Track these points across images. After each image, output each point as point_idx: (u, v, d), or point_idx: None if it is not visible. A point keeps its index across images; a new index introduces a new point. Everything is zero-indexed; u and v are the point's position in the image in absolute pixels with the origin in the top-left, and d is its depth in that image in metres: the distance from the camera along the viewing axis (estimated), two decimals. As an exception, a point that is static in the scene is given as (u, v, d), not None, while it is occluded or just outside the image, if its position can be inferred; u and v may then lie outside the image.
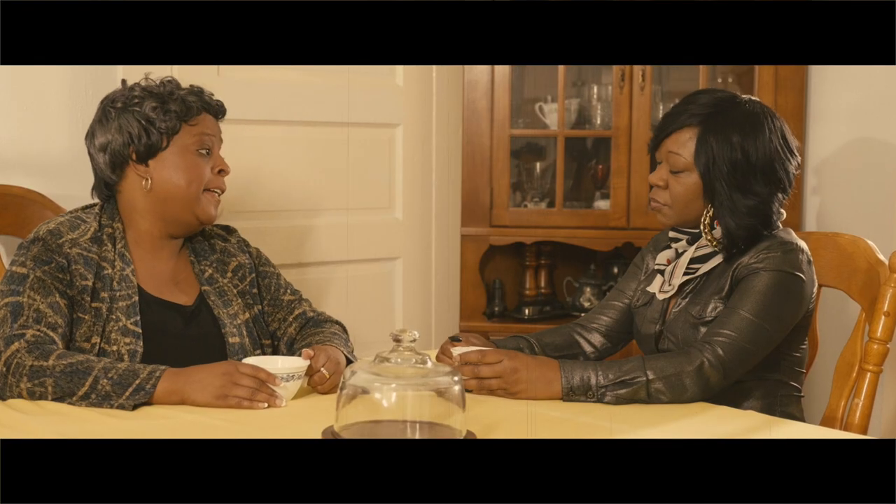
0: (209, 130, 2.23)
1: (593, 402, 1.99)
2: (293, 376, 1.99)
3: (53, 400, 1.92)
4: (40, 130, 2.72)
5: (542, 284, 3.73)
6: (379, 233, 3.46)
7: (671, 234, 2.26)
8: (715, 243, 2.16)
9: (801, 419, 2.22)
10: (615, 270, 3.66)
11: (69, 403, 1.91)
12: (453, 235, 3.62)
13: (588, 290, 3.65)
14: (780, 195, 2.16)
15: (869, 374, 2.24)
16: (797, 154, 2.18)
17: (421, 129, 3.53)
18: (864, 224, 3.17)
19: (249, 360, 2.02)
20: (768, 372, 2.17)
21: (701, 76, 3.39)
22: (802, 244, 2.17)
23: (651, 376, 2.00)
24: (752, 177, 2.11)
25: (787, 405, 2.20)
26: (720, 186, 2.12)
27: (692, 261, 2.20)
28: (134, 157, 2.18)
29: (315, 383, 2.05)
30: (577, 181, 3.74)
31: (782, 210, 2.19)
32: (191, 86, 2.25)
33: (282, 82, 3.13)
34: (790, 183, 2.17)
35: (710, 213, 2.15)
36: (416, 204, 3.55)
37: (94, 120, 2.22)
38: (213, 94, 2.28)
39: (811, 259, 2.17)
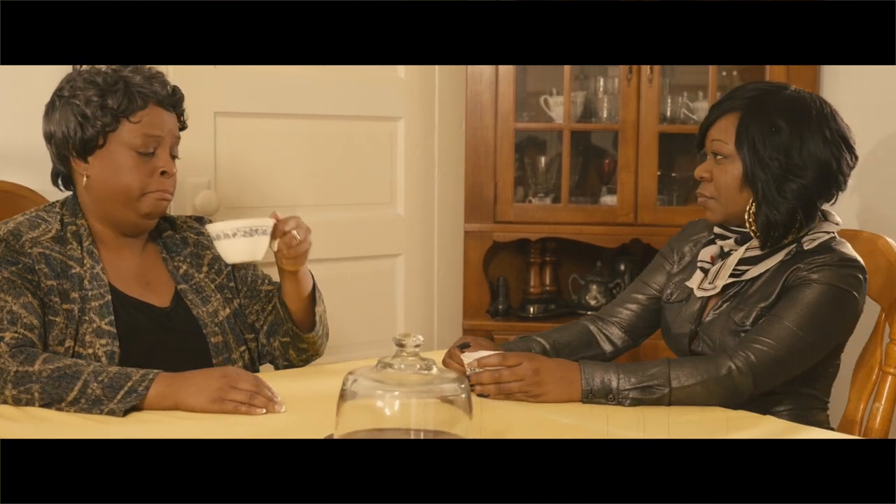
0: (154, 128, 2.06)
1: (613, 404, 1.93)
2: (256, 231, 1.93)
3: (41, 406, 1.84)
4: (29, 126, 2.62)
5: (547, 282, 3.67)
6: (380, 229, 3.41)
7: (717, 230, 2.17)
8: (756, 233, 2.08)
9: (829, 428, 2.15)
10: (622, 267, 3.60)
11: (57, 409, 1.83)
12: (456, 232, 3.56)
13: (594, 287, 3.58)
14: (828, 186, 2.07)
15: (890, 377, 2.18)
16: (854, 150, 2.10)
17: (423, 123, 3.48)
18: (881, 221, 3.11)
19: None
20: (803, 386, 2.09)
21: (711, 69, 3.32)
22: (862, 262, 2.07)
23: (675, 385, 1.93)
24: (796, 160, 2.04)
25: (814, 416, 2.12)
26: (762, 171, 2.04)
27: (741, 262, 2.11)
28: (73, 152, 2.07)
29: (285, 245, 2.00)
30: (582, 176, 3.67)
31: (829, 207, 2.12)
32: (148, 69, 2.09)
33: (279, 74, 3.07)
34: (842, 174, 2.08)
35: (755, 204, 2.07)
36: (418, 199, 3.50)
37: (46, 105, 2.12)
38: (168, 83, 2.10)
39: (867, 279, 2.07)
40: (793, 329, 1.98)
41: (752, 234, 2.09)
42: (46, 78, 2.65)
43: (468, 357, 2.02)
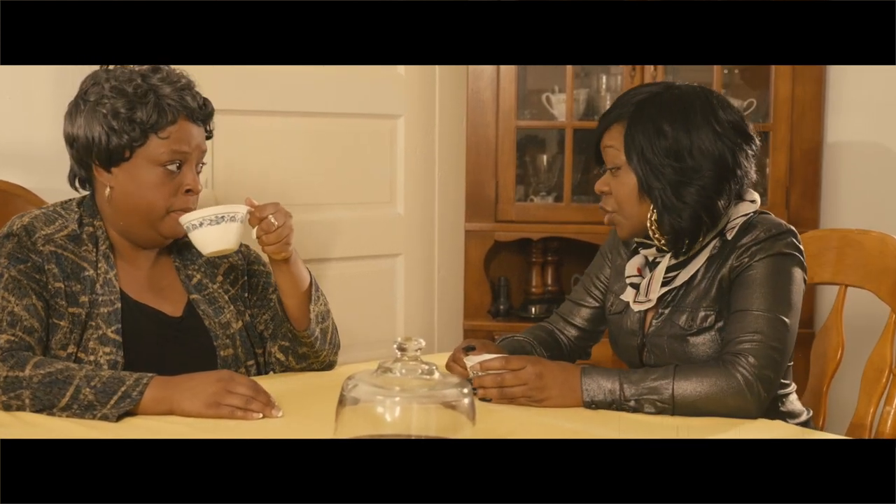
0: (182, 143, 1.99)
1: (616, 410, 1.90)
2: (223, 218, 1.92)
3: (33, 412, 1.79)
4: (24, 123, 2.65)
5: (549, 282, 3.64)
6: (380, 228, 3.38)
7: (637, 239, 2.09)
8: (663, 243, 2.01)
9: (805, 410, 2.11)
10: (624, 267, 3.56)
11: (49, 415, 1.79)
12: (457, 231, 3.53)
13: (596, 287, 3.55)
14: (727, 181, 1.98)
15: (901, 381, 2.14)
16: (752, 136, 2.01)
17: (423, 121, 3.45)
18: (889, 220, 3.08)
19: None
20: None
21: (715, 67, 3.29)
22: (790, 226, 2.01)
23: (679, 398, 1.87)
24: (689, 163, 1.95)
25: (787, 402, 2.08)
26: (656, 180, 1.96)
27: (669, 269, 2.04)
28: (96, 161, 2.01)
29: (262, 231, 1.98)
30: (584, 175, 3.64)
31: (749, 197, 2.03)
32: (179, 76, 2.04)
33: (278, 72, 3.04)
34: (740, 166, 1.98)
35: (655, 212, 1.99)
36: (418, 198, 3.47)
37: (69, 104, 2.05)
38: (199, 95, 2.04)
39: (799, 239, 2.02)
40: (765, 314, 1.92)
41: (655, 241, 2.02)
42: (45, 78, 2.65)
43: (471, 360, 1.98)
